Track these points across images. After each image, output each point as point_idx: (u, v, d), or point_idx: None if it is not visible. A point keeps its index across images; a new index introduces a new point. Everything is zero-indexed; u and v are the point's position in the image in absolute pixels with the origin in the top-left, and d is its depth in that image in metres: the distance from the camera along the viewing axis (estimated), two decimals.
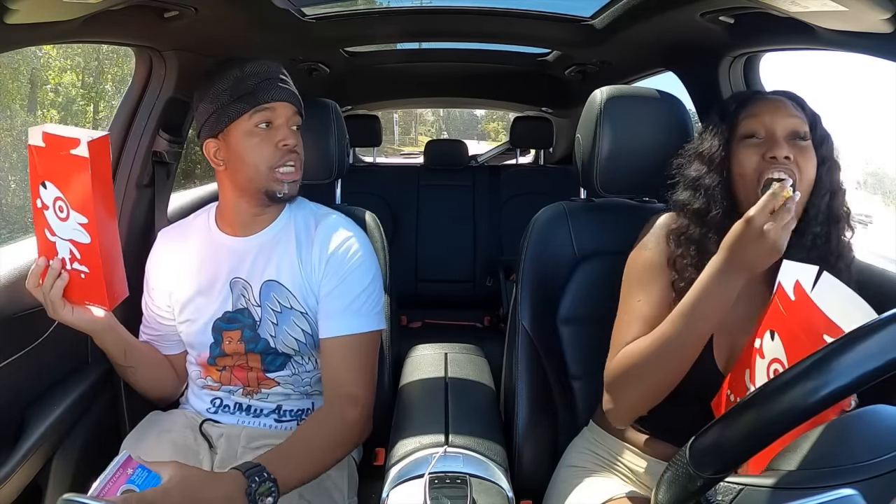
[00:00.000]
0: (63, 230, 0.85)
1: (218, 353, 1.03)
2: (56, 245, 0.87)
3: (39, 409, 1.04)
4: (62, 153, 0.81)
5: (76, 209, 0.83)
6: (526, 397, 1.06)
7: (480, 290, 2.53)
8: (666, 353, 0.80)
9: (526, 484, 1.03)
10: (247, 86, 0.96)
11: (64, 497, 0.75)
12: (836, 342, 0.49)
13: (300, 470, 0.87)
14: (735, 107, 0.88)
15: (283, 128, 0.98)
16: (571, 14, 1.61)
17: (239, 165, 0.98)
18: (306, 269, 1.01)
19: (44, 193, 0.85)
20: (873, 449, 0.52)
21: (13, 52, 2.93)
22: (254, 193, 1.00)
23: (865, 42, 0.89)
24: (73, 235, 0.85)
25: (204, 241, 1.05)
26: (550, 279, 1.10)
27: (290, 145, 0.98)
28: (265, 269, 1.01)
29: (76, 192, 0.82)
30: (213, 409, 1.07)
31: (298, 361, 1.04)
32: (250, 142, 0.96)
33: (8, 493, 0.96)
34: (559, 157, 2.97)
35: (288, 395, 1.06)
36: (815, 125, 0.87)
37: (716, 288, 0.77)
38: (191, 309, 1.03)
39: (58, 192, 0.84)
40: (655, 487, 0.56)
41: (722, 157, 0.87)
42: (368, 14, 1.69)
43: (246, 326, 1.02)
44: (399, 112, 14.43)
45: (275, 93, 0.97)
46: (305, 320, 1.01)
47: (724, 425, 0.51)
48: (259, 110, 0.96)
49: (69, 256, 0.87)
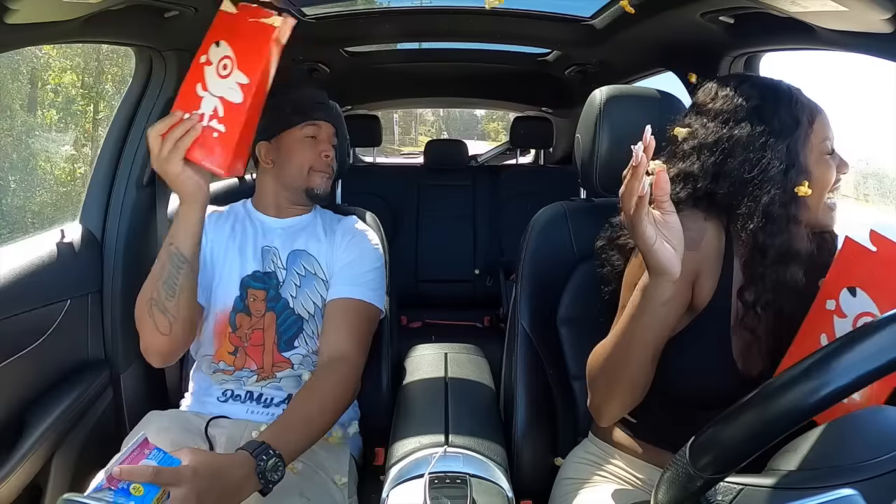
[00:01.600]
0: (218, 86, 0.89)
1: (241, 307, 1.11)
2: (202, 101, 0.90)
3: (39, 409, 1.04)
4: (251, 19, 0.88)
5: (242, 69, 0.88)
6: (526, 397, 1.06)
7: (480, 290, 2.53)
8: (616, 356, 0.79)
9: (526, 484, 1.03)
10: (303, 104, 1.18)
11: (64, 497, 0.76)
12: (836, 342, 0.49)
13: (301, 439, 0.91)
14: (808, 121, 0.82)
15: (326, 142, 1.19)
16: (571, 14, 1.61)
17: (286, 164, 1.17)
18: (331, 246, 1.17)
19: (213, 51, 0.89)
20: (873, 449, 0.52)
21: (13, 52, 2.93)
22: (294, 189, 1.17)
23: (865, 42, 0.89)
24: (226, 93, 0.88)
25: (242, 217, 1.20)
26: (550, 279, 1.10)
27: (330, 157, 1.20)
28: (294, 242, 1.17)
29: (249, 55, 0.88)
30: (223, 398, 1.09)
31: (309, 333, 1.12)
32: (300, 146, 1.17)
33: (8, 493, 0.96)
34: (559, 157, 2.97)
35: (299, 382, 1.09)
36: None
37: (644, 297, 0.74)
38: (223, 264, 1.14)
39: (229, 51, 0.89)
40: (655, 487, 0.56)
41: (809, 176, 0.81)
42: (368, 14, 1.69)
43: (271, 286, 1.13)
44: (399, 112, 14.41)
45: (324, 114, 1.20)
46: (325, 287, 1.14)
47: (724, 425, 0.51)
48: (310, 124, 1.17)
49: (210, 113, 0.89)
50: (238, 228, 1.18)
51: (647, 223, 0.68)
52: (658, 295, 0.73)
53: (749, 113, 0.82)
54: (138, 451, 0.74)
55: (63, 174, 6.34)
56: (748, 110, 0.82)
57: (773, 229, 0.79)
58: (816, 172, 0.81)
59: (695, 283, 0.83)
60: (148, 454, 0.75)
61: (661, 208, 0.69)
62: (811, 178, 0.80)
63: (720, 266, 0.83)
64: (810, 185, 0.80)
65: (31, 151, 6.17)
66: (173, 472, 0.74)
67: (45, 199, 6.01)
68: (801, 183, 0.79)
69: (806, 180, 0.79)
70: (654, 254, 0.69)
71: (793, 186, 0.79)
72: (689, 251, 0.77)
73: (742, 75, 0.92)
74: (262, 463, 0.81)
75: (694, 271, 0.82)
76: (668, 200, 0.69)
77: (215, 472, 0.77)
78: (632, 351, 0.77)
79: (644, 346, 0.77)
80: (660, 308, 0.74)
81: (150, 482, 0.72)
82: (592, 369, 0.84)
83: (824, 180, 0.82)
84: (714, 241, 0.84)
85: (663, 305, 0.74)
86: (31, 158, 6.07)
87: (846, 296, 0.73)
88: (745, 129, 0.81)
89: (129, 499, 0.71)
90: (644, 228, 0.68)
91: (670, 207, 0.70)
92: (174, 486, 0.73)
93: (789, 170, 0.79)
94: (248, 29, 0.88)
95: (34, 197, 5.88)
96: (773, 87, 0.84)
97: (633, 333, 0.76)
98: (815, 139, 0.82)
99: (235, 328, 1.11)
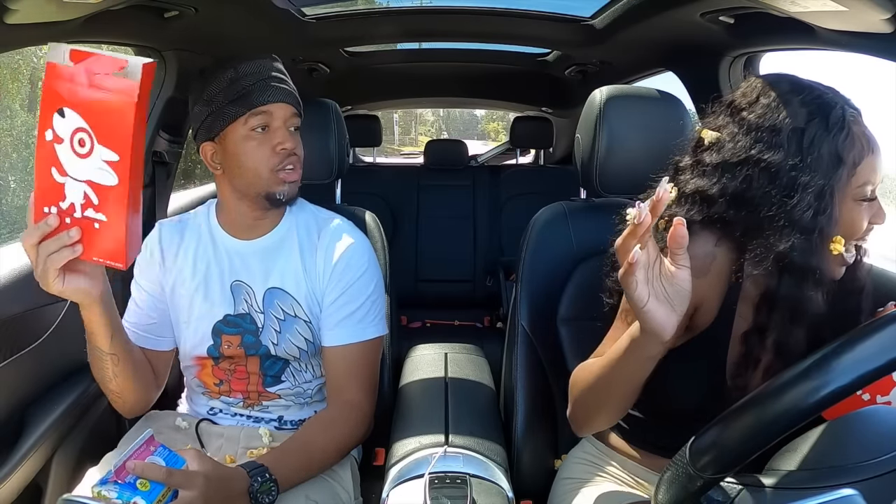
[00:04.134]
0: (80, 169, 0.69)
1: (217, 355, 1.01)
2: (65, 188, 0.71)
3: (39, 409, 1.04)
4: (97, 73, 0.67)
5: (105, 144, 0.68)
6: (526, 397, 1.06)
7: (480, 290, 2.53)
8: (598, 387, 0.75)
9: (526, 484, 1.03)
10: (241, 87, 0.92)
11: (64, 497, 0.76)
12: (836, 342, 0.49)
13: (300, 471, 0.89)
14: (855, 159, 0.70)
15: (281, 130, 0.95)
16: (571, 14, 1.61)
17: (237, 170, 0.95)
18: (311, 278, 1.00)
19: (59, 123, 0.69)
20: (873, 449, 0.52)
21: (13, 52, 2.93)
22: (253, 197, 0.98)
23: (865, 42, 0.89)
24: (95, 176, 0.69)
25: (205, 239, 1.02)
26: (550, 279, 1.10)
27: (289, 148, 0.95)
28: (269, 275, 1.00)
29: (109, 124, 0.68)
30: (212, 412, 1.07)
31: (297, 368, 1.04)
32: (247, 146, 0.94)
33: (8, 493, 0.96)
34: (559, 157, 2.97)
35: (288, 407, 1.06)
36: None
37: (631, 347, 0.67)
38: (189, 309, 1.01)
39: (82, 123, 0.68)
40: (655, 487, 0.56)
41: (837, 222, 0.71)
42: (368, 14, 1.69)
43: (247, 332, 1.00)
44: (399, 112, 14.42)
45: (271, 94, 0.94)
46: (308, 328, 1.01)
47: (724, 425, 0.51)
48: (255, 113, 0.93)
49: (81, 202, 0.71)
50: (201, 256, 1.01)
51: (637, 284, 0.60)
52: (645, 351, 0.66)
53: (788, 137, 0.70)
54: (144, 447, 0.75)
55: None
56: (788, 133, 0.70)
57: (788, 282, 0.70)
58: (843, 217, 0.71)
59: (697, 308, 0.77)
60: (153, 451, 0.76)
61: (674, 261, 0.60)
62: (839, 228, 0.70)
63: (725, 291, 0.77)
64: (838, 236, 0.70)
65: (31, 151, 6.17)
66: (184, 475, 0.75)
67: None
68: (833, 237, 0.70)
69: (837, 234, 0.70)
70: (645, 315, 0.61)
71: (818, 236, 0.69)
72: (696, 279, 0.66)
73: (796, 82, 0.75)
74: (256, 483, 0.81)
75: (698, 299, 0.74)
76: (684, 255, 0.60)
77: (222, 481, 0.78)
78: (613, 388, 0.73)
79: (628, 386, 0.72)
80: (647, 361, 0.67)
81: (161, 481, 0.73)
82: (574, 387, 0.81)
83: (851, 230, 0.72)
84: (723, 267, 0.76)
85: (650, 360, 0.67)
86: (31, 158, 6.07)
87: None
88: (778, 155, 0.70)
89: (134, 493, 0.72)
90: (633, 289, 0.60)
91: (684, 262, 0.60)
92: (184, 489, 0.74)
93: (817, 216, 0.69)
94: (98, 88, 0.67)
95: None
96: (826, 111, 0.71)
97: (617, 374, 0.71)
98: (854, 182, 0.71)
99: (217, 363, 1.02)
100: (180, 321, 1.02)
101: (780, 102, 0.72)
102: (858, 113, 0.73)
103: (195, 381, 1.06)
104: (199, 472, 0.76)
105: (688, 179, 0.77)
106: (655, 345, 0.64)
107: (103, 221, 0.71)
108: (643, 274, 0.60)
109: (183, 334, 1.02)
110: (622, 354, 0.69)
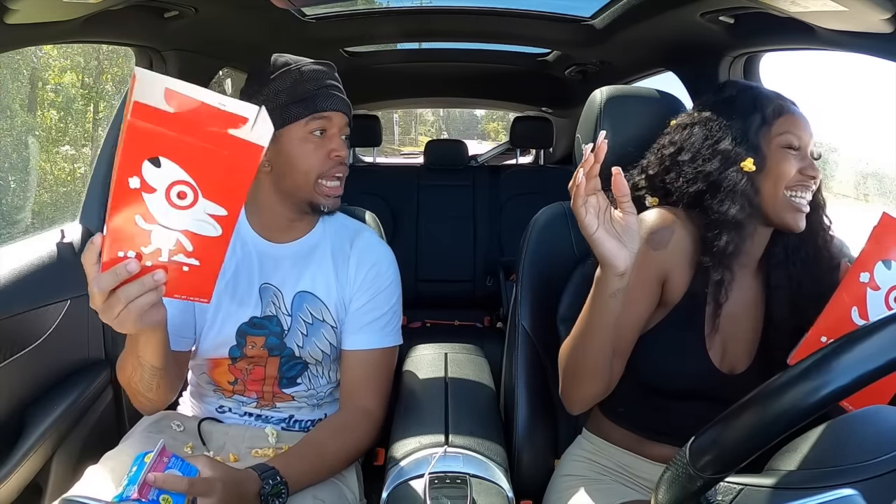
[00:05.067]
0: (178, 220, 0.62)
1: (239, 355, 1.01)
2: (152, 234, 0.63)
3: (39, 409, 1.04)
4: (212, 129, 0.58)
5: (212, 199, 0.62)
6: (526, 397, 1.06)
7: (480, 290, 2.53)
8: (576, 345, 0.83)
9: (526, 484, 1.03)
10: (306, 90, 0.94)
11: (64, 497, 0.76)
12: (836, 342, 0.49)
13: (309, 474, 0.90)
14: (772, 112, 0.85)
15: (337, 138, 0.97)
16: (571, 14, 1.61)
17: (287, 170, 0.96)
18: (341, 284, 1.01)
19: (151, 172, 0.60)
20: (873, 449, 0.52)
21: (13, 52, 2.93)
22: (297, 201, 0.98)
23: (865, 42, 0.89)
24: (196, 227, 0.63)
25: (235, 240, 0.99)
26: (550, 279, 1.10)
27: (342, 157, 0.97)
28: (299, 279, 1.00)
29: (221, 182, 0.61)
30: (220, 411, 1.06)
31: (314, 372, 1.04)
32: (304, 148, 0.95)
33: (8, 492, 0.96)
34: (559, 157, 2.97)
35: (300, 408, 1.07)
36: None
37: (595, 288, 0.77)
38: (216, 310, 0.99)
39: (184, 175, 0.60)
40: (655, 487, 0.56)
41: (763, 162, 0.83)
42: (368, 14, 1.69)
43: (272, 334, 1.00)
44: (399, 112, 14.42)
45: (333, 102, 0.96)
46: (334, 333, 1.02)
47: (724, 425, 0.51)
48: (317, 117, 0.95)
49: (171, 248, 0.64)
50: (230, 257, 0.98)
51: (585, 212, 0.71)
52: (606, 286, 0.75)
53: (715, 105, 0.87)
54: (158, 459, 0.75)
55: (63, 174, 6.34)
56: (716, 102, 0.88)
57: (723, 199, 0.82)
58: (771, 161, 0.83)
59: (666, 281, 0.85)
60: (167, 462, 0.76)
61: (621, 209, 0.73)
62: (764, 164, 0.82)
63: (693, 265, 0.85)
64: (762, 169, 0.82)
65: (31, 151, 6.17)
66: (205, 482, 0.75)
67: (45, 199, 6.02)
68: (745, 158, 0.82)
69: (752, 158, 0.82)
70: (596, 243, 0.72)
71: (738, 160, 0.82)
72: (657, 251, 0.83)
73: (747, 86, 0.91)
74: (267, 486, 0.82)
75: (662, 270, 0.84)
76: (628, 202, 0.72)
77: (236, 484, 0.79)
78: (589, 340, 0.80)
79: (600, 335, 0.79)
80: (609, 300, 0.76)
81: (183, 492, 0.74)
82: (560, 359, 0.87)
83: (778, 170, 0.82)
84: (685, 241, 0.85)
85: (612, 297, 0.75)
86: (31, 158, 6.07)
87: (881, 268, 0.77)
88: (710, 121, 0.86)
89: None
90: (583, 216, 0.71)
91: (630, 209, 0.73)
92: (204, 496, 0.75)
93: (737, 145, 0.83)
94: (211, 143, 0.59)
95: (34, 197, 5.89)
96: (749, 88, 0.88)
97: (588, 323, 0.79)
98: (775, 129, 0.83)
99: (235, 362, 1.02)
100: (206, 321, 1.00)
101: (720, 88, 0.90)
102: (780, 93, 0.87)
103: (205, 379, 1.06)
104: (216, 478, 0.77)
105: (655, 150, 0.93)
106: (612, 277, 0.74)
107: (196, 266, 0.65)
108: (593, 203, 0.72)
109: (206, 335, 1.00)
110: (589, 301, 0.78)
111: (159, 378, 0.86)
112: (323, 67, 0.98)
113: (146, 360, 0.82)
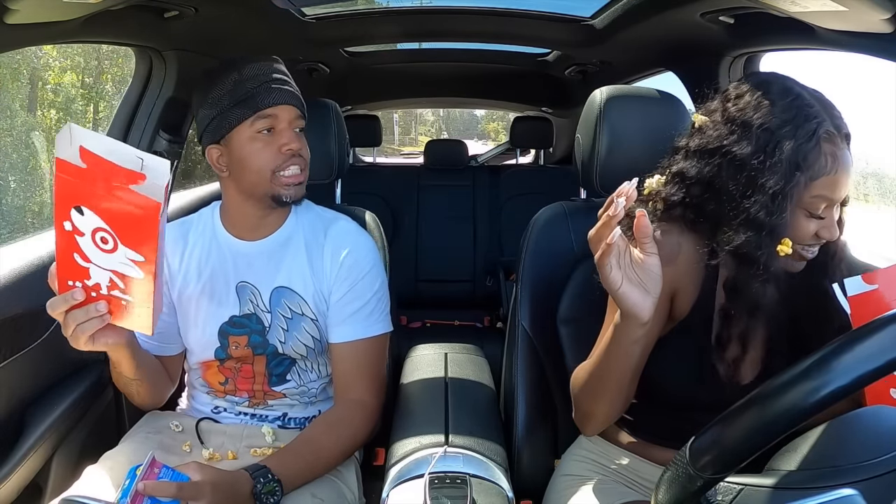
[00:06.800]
0: (104, 261, 0.70)
1: (224, 356, 1.02)
2: (90, 271, 0.71)
3: (39, 409, 1.04)
4: (115, 184, 0.65)
5: (129, 246, 0.68)
6: (526, 397, 1.06)
7: (480, 290, 2.53)
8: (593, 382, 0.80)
9: (526, 484, 1.03)
10: (246, 90, 0.93)
11: (63, 496, 0.76)
12: (836, 342, 0.49)
13: (305, 471, 0.90)
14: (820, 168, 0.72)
15: (286, 131, 0.96)
16: (571, 14, 1.61)
17: (242, 172, 0.96)
18: (318, 276, 1.01)
19: (78, 219, 0.67)
20: (873, 449, 0.52)
21: (13, 52, 2.93)
22: (259, 198, 0.98)
23: (865, 42, 0.89)
24: (119, 268, 0.70)
25: (209, 242, 1.03)
26: (550, 279, 1.10)
27: (294, 149, 0.96)
28: (275, 275, 1.00)
29: (132, 232, 0.68)
30: (216, 411, 1.07)
31: (303, 367, 1.04)
32: (253, 148, 0.95)
33: (8, 493, 0.96)
34: (559, 157, 2.97)
35: (293, 406, 1.06)
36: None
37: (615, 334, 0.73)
38: (196, 312, 1.01)
39: (102, 224, 0.67)
40: (655, 487, 0.56)
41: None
42: (368, 14, 1.69)
43: (254, 332, 1.00)
44: (399, 112, 14.41)
45: (276, 96, 0.94)
46: (315, 326, 1.01)
47: (724, 425, 0.51)
48: (260, 116, 0.94)
49: (107, 284, 0.72)
50: (205, 258, 1.01)
51: (612, 268, 0.66)
52: (627, 335, 0.71)
53: (757, 135, 0.73)
54: (149, 471, 0.77)
55: None
56: (758, 131, 0.73)
57: (742, 272, 0.75)
58: (792, 224, 0.74)
59: (674, 296, 0.82)
60: (158, 472, 0.77)
61: (642, 250, 0.67)
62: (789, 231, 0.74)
63: (701, 280, 0.82)
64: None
65: (30, 151, 6.17)
66: (193, 486, 0.77)
67: (45, 199, 6.02)
68: (781, 240, 0.74)
69: (787, 236, 0.74)
70: (620, 298, 0.68)
71: (768, 236, 0.73)
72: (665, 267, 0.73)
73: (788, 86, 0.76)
74: (259, 485, 0.83)
75: (671, 286, 0.80)
76: (651, 242, 0.67)
77: (227, 485, 0.80)
78: (608, 379, 0.78)
79: (620, 374, 0.76)
80: (631, 346, 0.73)
81: (173, 497, 0.75)
82: (574, 387, 0.85)
83: (795, 235, 0.75)
84: (692, 256, 0.80)
85: (634, 344, 0.72)
86: (31, 158, 6.07)
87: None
88: (745, 150, 0.74)
89: None
90: (608, 273, 0.67)
91: (651, 249, 0.67)
92: (195, 500, 0.76)
93: (770, 217, 0.73)
94: (117, 198, 0.65)
95: (34, 197, 5.89)
96: (801, 120, 0.72)
97: (607, 364, 0.76)
98: (808, 193, 0.73)
99: (223, 362, 1.03)
100: (188, 324, 1.02)
101: (762, 101, 0.75)
102: (840, 135, 0.73)
103: (199, 381, 1.07)
104: (206, 482, 0.78)
105: (676, 160, 0.82)
106: (635, 327, 0.70)
107: (130, 301, 0.73)
108: (616, 260, 0.67)
109: (190, 337, 1.03)
110: (609, 343, 0.74)
111: (138, 385, 0.96)
112: (263, 63, 0.96)
113: (121, 370, 0.91)
